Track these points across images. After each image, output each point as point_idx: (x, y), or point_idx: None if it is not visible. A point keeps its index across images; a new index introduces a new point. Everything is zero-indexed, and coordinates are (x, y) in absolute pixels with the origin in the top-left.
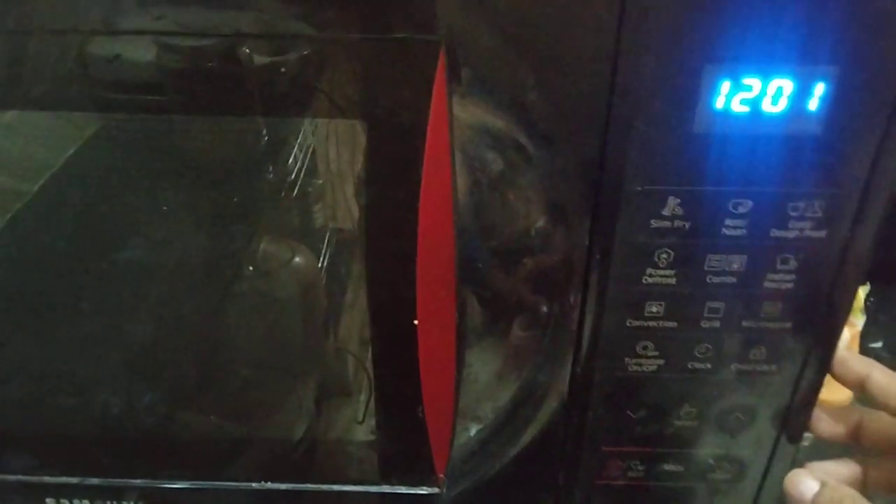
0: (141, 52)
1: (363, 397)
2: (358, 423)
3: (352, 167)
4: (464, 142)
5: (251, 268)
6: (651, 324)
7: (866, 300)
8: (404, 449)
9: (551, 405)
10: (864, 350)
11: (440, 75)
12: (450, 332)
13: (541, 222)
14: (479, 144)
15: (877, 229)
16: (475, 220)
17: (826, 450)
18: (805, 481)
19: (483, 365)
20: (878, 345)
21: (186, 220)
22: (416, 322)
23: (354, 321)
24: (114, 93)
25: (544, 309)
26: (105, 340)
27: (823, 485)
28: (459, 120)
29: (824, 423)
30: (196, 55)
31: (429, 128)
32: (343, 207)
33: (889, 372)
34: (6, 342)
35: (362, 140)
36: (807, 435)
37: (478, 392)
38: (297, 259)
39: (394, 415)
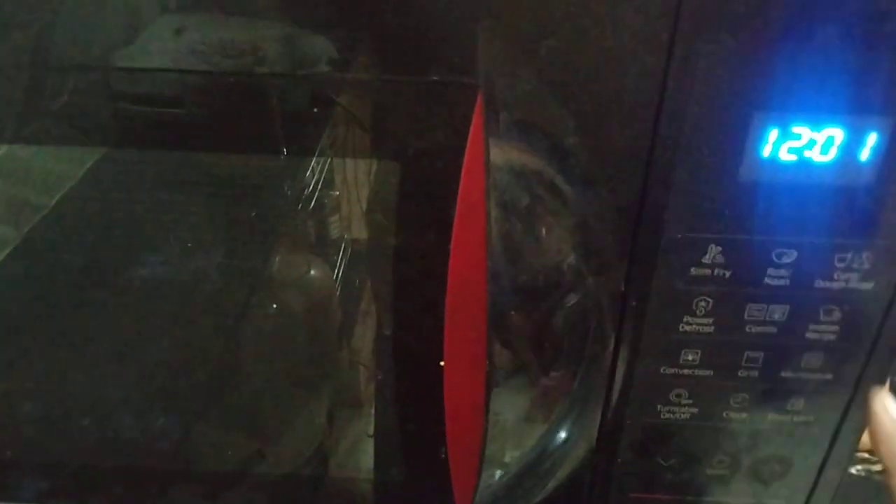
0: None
1: (374, 410)
2: (368, 437)
3: (368, 179)
4: (499, 185)
5: (267, 282)
6: (686, 371)
7: None
8: (425, 490)
9: (579, 451)
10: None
11: (477, 119)
12: (479, 375)
13: (576, 267)
14: (514, 188)
15: None
16: (508, 263)
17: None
18: None
19: (511, 408)
20: None
21: (203, 235)
22: (441, 363)
23: (368, 331)
24: (134, 105)
25: (576, 353)
26: (119, 359)
27: None
28: (495, 163)
29: None
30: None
31: (463, 171)
32: (359, 218)
33: None
34: (19, 360)
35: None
36: None
37: (504, 436)
38: (312, 272)
39: (415, 454)
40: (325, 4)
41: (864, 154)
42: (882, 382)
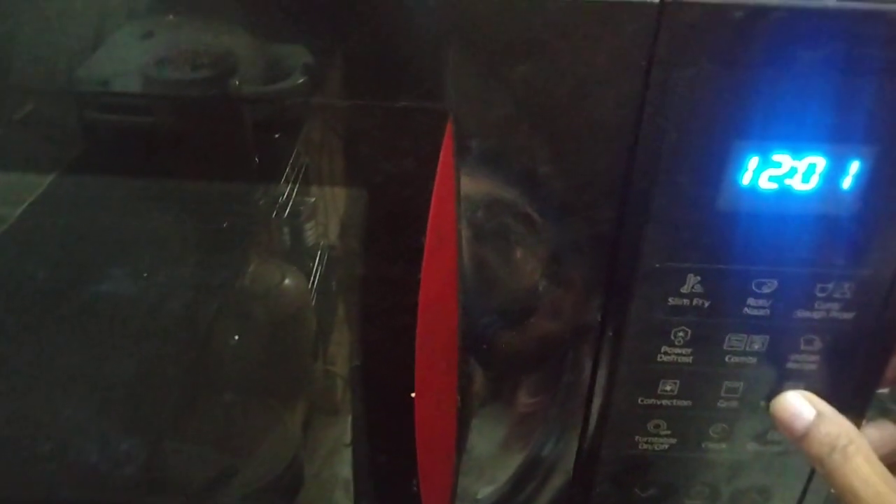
0: (129, 80)
1: (350, 419)
2: (345, 447)
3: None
4: (471, 213)
5: (239, 294)
6: (664, 402)
7: None
8: None
9: (555, 482)
10: None
11: (447, 146)
12: (450, 407)
13: (552, 297)
14: (487, 217)
15: None
16: (481, 293)
17: None
18: (802, 404)
19: (485, 441)
20: (885, 390)
21: (172, 247)
22: (412, 395)
23: (344, 339)
24: (100, 114)
25: (551, 386)
26: (84, 378)
27: (821, 415)
28: (467, 191)
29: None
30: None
31: (433, 199)
32: (336, 224)
33: None
34: None
35: None
36: None
37: (479, 469)
38: (286, 281)
39: (386, 486)
40: (292, 23)
41: (847, 182)
42: (863, 413)
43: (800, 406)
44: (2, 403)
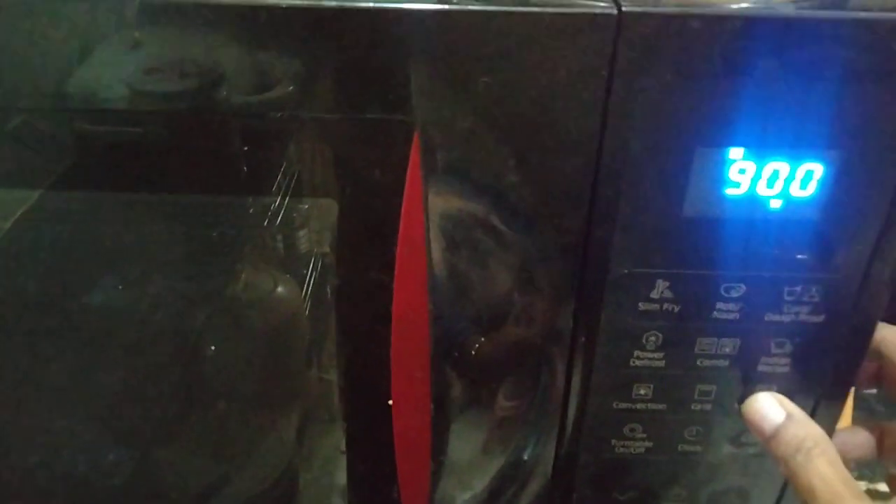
0: (118, 90)
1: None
2: (341, 454)
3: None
4: (440, 224)
5: (231, 303)
6: (639, 406)
7: None
8: None
9: (534, 487)
10: (858, 396)
11: (414, 157)
12: (425, 414)
13: (522, 305)
14: (456, 227)
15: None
16: (453, 302)
17: None
18: (771, 406)
19: (464, 447)
20: (873, 391)
21: (164, 257)
22: (390, 402)
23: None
24: (90, 125)
25: (527, 392)
26: (74, 389)
27: (790, 417)
28: (435, 202)
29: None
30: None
31: (403, 210)
32: (327, 232)
33: None
34: None
35: None
36: None
37: (458, 475)
38: (279, 289)
39: (368, 495)
40: (264, 37)
41: (811, 187)
42: (836, 415)
43: (769, 408)
44: None
